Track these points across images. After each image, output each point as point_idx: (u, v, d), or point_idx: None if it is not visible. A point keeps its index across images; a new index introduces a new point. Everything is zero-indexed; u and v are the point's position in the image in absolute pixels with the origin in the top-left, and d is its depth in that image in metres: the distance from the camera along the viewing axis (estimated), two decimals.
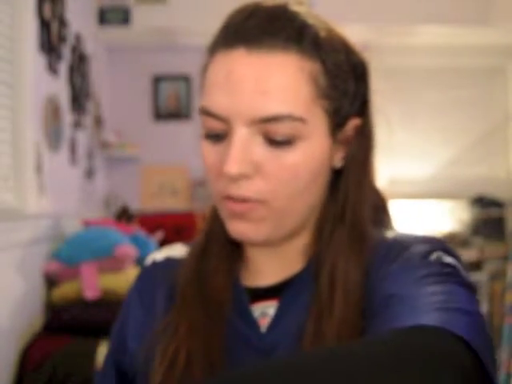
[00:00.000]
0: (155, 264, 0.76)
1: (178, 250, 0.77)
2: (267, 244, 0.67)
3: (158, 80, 3.89)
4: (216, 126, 0.61)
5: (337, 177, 0.67)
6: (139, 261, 2.51)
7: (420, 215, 3.94)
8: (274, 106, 0.58)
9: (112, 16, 3.64)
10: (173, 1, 3.64)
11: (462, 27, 3.75)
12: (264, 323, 0.66)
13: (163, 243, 3.09)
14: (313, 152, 0.61)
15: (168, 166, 3.86)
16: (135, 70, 3.87)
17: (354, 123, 0.65)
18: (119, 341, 0.73)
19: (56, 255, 2.37)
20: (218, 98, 0.60)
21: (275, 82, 0.58)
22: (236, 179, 0.59)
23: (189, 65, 3.85)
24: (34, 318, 2.27)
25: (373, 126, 0.68)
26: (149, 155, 3.81)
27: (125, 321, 0.74)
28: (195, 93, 3.88)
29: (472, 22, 3.75)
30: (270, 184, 0.60)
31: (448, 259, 0.60)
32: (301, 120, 0.59)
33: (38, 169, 2.36)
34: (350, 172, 0.66)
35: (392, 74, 3.87)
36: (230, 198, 0.61)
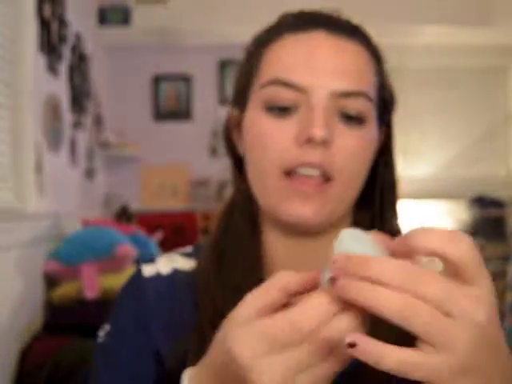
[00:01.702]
0: (163, 277, 0.70)
1: (181, 262, 0.72)
2: (317, 231, 0.65)
3: (157, 80, 3.89)
4: (288, 96, 0.61)
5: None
6: (139, 261, 2.51)
7: (420, 215, 3.94)
8: (354, 82, 0.62)
9: (112, 16, 3.64)
10: (173, 1, 3.64)
11: (463, 27, 3.75)
12: None
13: (163, 243, 3.09)
14: (371, 136, 0.64)
15: (168, 165, 3.86)
16: (135, 70, 3.87)
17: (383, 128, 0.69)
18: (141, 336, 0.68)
19: (56, 255, 2.37)
20: (298, 70, 0.61)
21: (353, 62, 0.63)
22: (320, 145, 0.59)
23: (189, 65, 3.86)
24: (34, 318, 2.27)
25: (394, 135, 0.71)
26: (149, 155, 3.81)
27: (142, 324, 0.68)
28: (195, 93, 3.88)
29: (472, 22, 3.75)
30: (341, 158, 0.61)
31: None
32: (371, 101, 0.63)
33: (38, 169, 2.36)
34: (385, 172, 0.69)
35: (392, 74, 3.86)
36: (298, 174, 0.61)
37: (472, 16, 3.77)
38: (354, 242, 0.43)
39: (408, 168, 3.93)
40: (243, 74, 0.69)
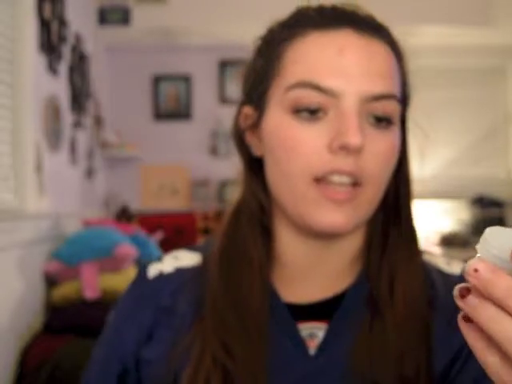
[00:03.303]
0: (165, 276, 0.69)
1: (186, 259, 0.71)
2: (340, 236, 0.63)
3: (158, 80, 3.89)
4: (317, 100, 0.59)
5: None
6: (139, 261, 2.51)
7: (420, 215, 3.94)
8: (385, 84, 0.60)
9: (112, 16, 3.64)
10: (173, 1, 3.64)
11: (462, 27, 3.74)
12: (312, 345, 0.63)
13: (163, 243, 3.09)
14: (398, 137, 0.63)
15: (168, 166, 3.86)
16: (135, 70, 3.87)
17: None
18: (125, 347, 0.67)
19: (56, 255, 2.37)
20: (327, 72, 0.59)
21: (382, 63, 0.61)
22: (354, 152, 0.57)
23: (189, 65, 3.86)
24: (34, 318, 2.27)
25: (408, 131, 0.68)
26: (149, 155, 3.81)
27: (132, 329, 0.68)
28: (195, 93, 3.88)
29: (472, 22, 3.74)
30: (371, 165, 0.59)
31: None
32: (400, 102, 0.61)
33: (38, 169, 2.36)
34: (399, 169, 0.66)
35: None
36: (325, 179, 0.59)
37: (472, 16, 3.77)
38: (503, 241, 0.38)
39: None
40: (259, 70, 0.65)
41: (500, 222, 3.81)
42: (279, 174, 0.62)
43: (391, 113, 0.60)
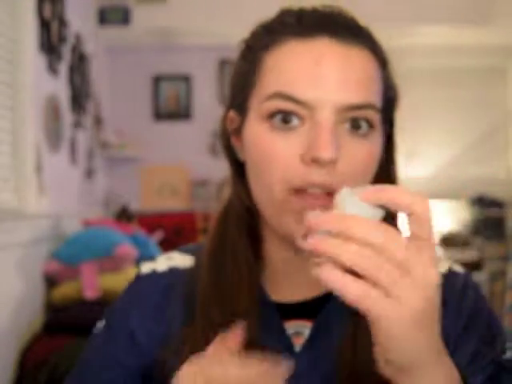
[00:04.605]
0: (158, 274, 0.71)
1: (178, 260, 0.73)
2: None
3: (158, 80, 3.89)
4: (293, 111, 0.59)
5: None
6: (139, 261, 2.51)
7: None
8: (361, 94, 0.59)
9: (112, 16, 3.64)
10: (173, 1, 3.64)
11: (462, 27, 3.74)
12: (298, 343, 0.64)
13: (163, 243, 3.09)
14: (377, 145, 0.62)
15: (168, 166, 3.86)
16: (135, 70, 3.87)
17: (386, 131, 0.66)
18: (127, 346, 0.68)
19: (56, 255, 2.37)
20: (302, 83, 0.58)
21: (360, 71, 0.59)
22: (327, 165, 0.57)
23: (189, 65, 3.86)
24: (34, 318, 2.27)
25: (396, 136, 0.68)
26: (149, 155, 3.82)
27: (126, 328, 0.69)
28: (195, 93, 3.88)
29: (472, 22, 3.74)
30: (346, 176, 0.59)
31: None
32: (379, 112, 0.61)
33: (38, 169, 2.36)
34: (385, 170, 0.66)
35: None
36: (305, 191, 0.59)
37: (472, 16, 3.77)
38: (350, 205, 0.47)
39: (408, 168, 3.93)
40: (241, 75, 0.65)
41: (500, 222, 3.81)
42: (259, 184, 0.63)
43: (369, 122, 0.60)
